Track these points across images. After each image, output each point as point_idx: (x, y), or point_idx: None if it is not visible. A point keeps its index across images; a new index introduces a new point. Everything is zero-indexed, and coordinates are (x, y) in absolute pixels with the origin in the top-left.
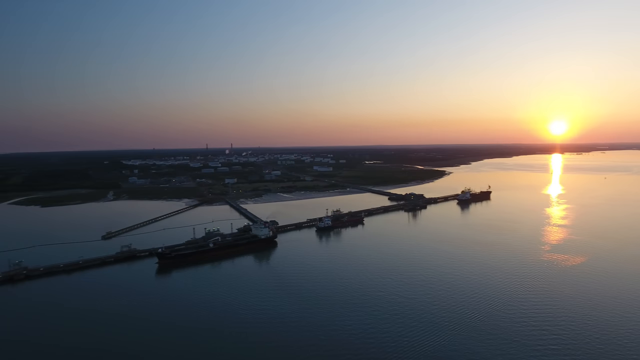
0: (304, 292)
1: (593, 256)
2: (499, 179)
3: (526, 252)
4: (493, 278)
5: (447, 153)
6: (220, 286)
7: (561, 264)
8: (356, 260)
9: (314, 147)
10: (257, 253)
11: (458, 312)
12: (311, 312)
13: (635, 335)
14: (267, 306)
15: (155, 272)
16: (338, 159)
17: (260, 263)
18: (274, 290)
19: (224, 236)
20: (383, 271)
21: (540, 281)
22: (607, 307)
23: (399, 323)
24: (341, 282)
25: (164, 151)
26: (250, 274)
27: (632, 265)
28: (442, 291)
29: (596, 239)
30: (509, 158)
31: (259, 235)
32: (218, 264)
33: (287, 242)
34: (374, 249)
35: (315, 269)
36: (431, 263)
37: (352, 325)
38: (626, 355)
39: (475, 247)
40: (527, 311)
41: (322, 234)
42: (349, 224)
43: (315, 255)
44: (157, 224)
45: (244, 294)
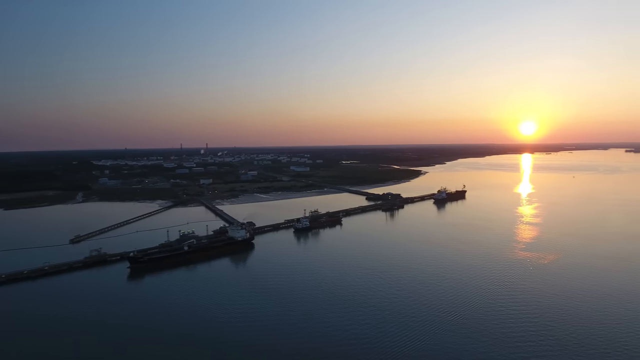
0: (282, 294)
1: (565, 253)
2: (473, 178)
3: (502, 250)
4: (472, 276)
5: (423, 153)
6: (195, 290)
7: (536, 262)
8: (335, 260)
9: (291, 147)
10: (234, 255)
11: (439, 311)
12: (290, 313)
13: (608, 326)
14: (245, 309)
15: (127, 277)
16: (315, 159)
17: (237, 265)
18: (252, 293)
19: (200, 238)
20: (362, 271)
21: (517, 278)
22: (581, 302)
23: (380, 322)
24: (320, 282)
25: (137, 151)
26: (227, 276)
27: (602, 261)
28: (422, 290)
29: (567, 237)
30: (482, 158)
31: (235, 237)
32: (193, 268)
33: (264, 243)
34: (352, 249)
35: (294, 270)
36: (410, 262)
37: (333, 325)
38: (601, 346)
39: (453, 246)
40: (507, 308)
41: (300, 234)
42: (327, 225)
43: (293, 257)
44: (129, 226)
45: (220, 297)
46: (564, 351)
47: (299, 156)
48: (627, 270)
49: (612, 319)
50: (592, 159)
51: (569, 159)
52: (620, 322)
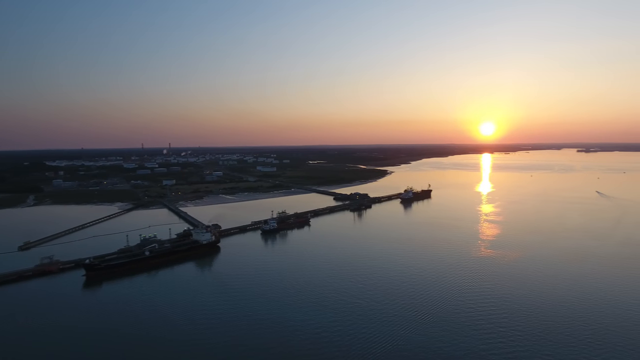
0: (250, 297)
1: (528, 250)
2: (438, 177)
3: (469, 248)
4: (440, 275)
5: (388, 153)
6: (157, 297)
7: (501, 259)
8: (304, 262)
9: (256, 147)
10: (199, 259)
11: (409, 310)
12: (259, 317)
13: (572, 318)
14: (212, 314)
15: (83, 286)
16: (282, 159)
17: (203, 270)
18: (218, 297)
19: (162, 242)
20: (332, 272)
21: (484, 276)
22: (546, 297)
23: (350, 322)
24: (289, 284)
25: (94, 151)
26: (191, 282)
27: (562, 257)
28: (392, 290)
29: (529, 234)
30: (445, 157)
31: (200, 241)
32: (155, 273)
33: (230, 246)
34: (321, 250)
35: (262, 272)
36: (380, 262)
37: (302, 327)
38: (566, 337)
39: (421, 245)
40: (476, 306)
41: (268, 236)
42: (295, 226)
43: (261, 259)
44: (85, 231)
45: (185, 303)
46: (533, 344)
47: (266, 156)
48: (585, 266)
49: (575, 312)
50: (547, 158)
51: (526, 158)
52: (581, 314)
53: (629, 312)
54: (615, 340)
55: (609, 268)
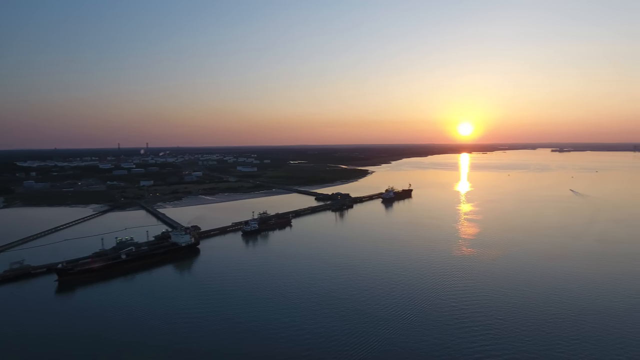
0: (231, 300)
1: (507, 248)
2: (418, 177)
3: (450, 247)
4: (423, 274)
5: (369, 152)
6: (134, 302)
7: (482, 257)
8: (286, 263)
9: (237, 147)
10: (177, 262)
11: (392, 310)
12: (240, 320)
13: (552, 314)
14: (191, 319)
15: (55, 292)
16: (262, 159)
17: (182, 273)
18: (198, 301)
19: (139, 245)
20: (314, 273)
21: (467, 275)
22: (526, 295)
23: (333, 323)
24: (271, 286)
25: (69, 151)
26: (170, 285)
27: (541, 255)
28: (374, 290)
29: (508, 232)
30: (425, 157)
31: (179, 243)
32: (132, 278)
33: (210, 248)
34: (303, 250)
35: (243, 275)
36: (362, 262)
37: (284, 329)
38: (547, 332)
39: (403, 245)
40: (459, 304)
41: (249, 237)
42: (276, 226)
43: (241, 261)
44: (58, 234)
45: (163, 308)
46: (516, 341)
47: (246, 156)
48: (562, 263)
49: (555, 308)
50: (523, 158)
51: (503, 158)
52: (561, 311)
53: (608, 307)
54: (595, 334)
55: (586, 265)
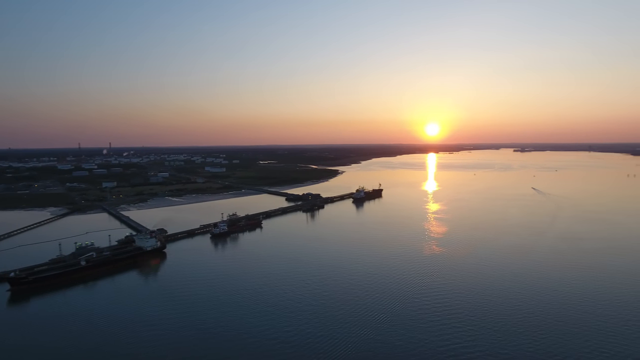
0: (199, 306)
1: (475, 246)
2: (388, 177)
3: (420, 246)
4: (395, 274)
5: (339, 153)
6: (95, 311)
7: (452, 256)
8: (256, 266)
9: (205, 147)
10: (142, 267)
11: (366, 311)
12: (209, 326)
13: (519, 309)
14: (157, 326)
15: (7, 302)
16: (231, 159)
17: (147, 278)
18: (164, 308)
19: (100, 250)
20: (285, 275)
21: (437, 273)
22: (494, 291)
23: (304, 326)
24: (241, 290)
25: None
26: (134, 292)
27: (507, 252)
28: (346, 290)
29: (475, 230)
30: (394, 157)
31: (144, 247)
32: (93, 285)
33: (177, 252)
34: (274, 252)
35: (211, 279)
36: (334, 263)
37: (255, 334)
38: (516, 327)
39: (375, 245)
40: (431, 303)
41: (218, 240)
42: (246, 228)
43: (210, 264)
44: (11, 240)
45: (126, 316)
46: (486, 337)
47: (214, 156)
48: (527, 260)
49: (521, 303)
50: (488, 157)
51: (468, 158)
52: (527, 306)
53: (573, 301)
54: (558, 326)
55: (551, 261)
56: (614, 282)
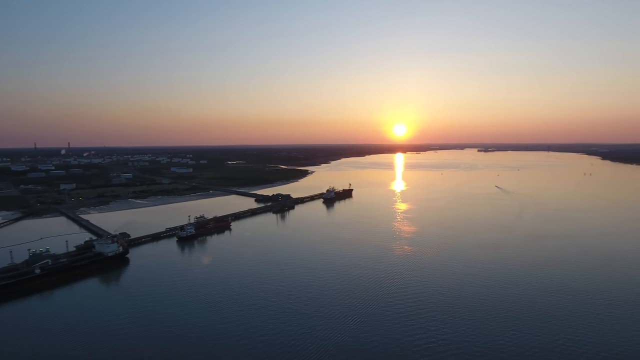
0: (165, 314)
1: (445, 245)
2: (357, 176)
3: (391, 246)
4: (367, 274)
5: (309, 153)
6: (51, 322)
7: (422, 255)
8: (225, 269)
9: (171, 147)
10: (103, 274)
11: (338, 311)
12: (175, 335)
13: (490, 305)
14: (119, 337)
15: None
16: (198, 159)
17: (108, 286)
18: (127, 317)
19: (57, 257)
20: (256, 278)
21: (409, 272)
22: (465, 289)
23: (276, 330)
24: (210, 295)
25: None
26: (94, 301)
27: (476, 249)
28: (319, 293)
29: (444, 229)
30: (363, 157)
31: (105, 253)
32: (49, 295)
33: (141, 257)
34: (244, 255)
35: (178, 285)
36: (305, 265)
37: (224, 340)
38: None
39: (346, 245)
40: (403, 302)
41: (185, 243)
42: (215, 231)
43: (176, 269)
44: None
45: (85, 327)
46: (458, 334)
47: (181, 157)
48: (496, 257)
49: (491, 300)
50: (454, 157)
51: (435, 157)
52: (497, 302)
53: (537, 295)
54: (527, 320)
55: (517, 258)
56: (575, 277)
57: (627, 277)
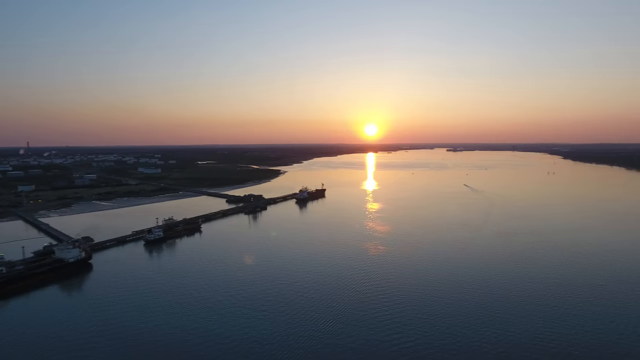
0: (131, 323)
1: (418, 244)
2: (330, 176)
3: (365, 247)
4: (341, 276)
5: (280, 152)
6: (5, 336)
7: (396, 255)
8: (195, 273)
9: (138, 147)
10: (64, 282)
11: (313, 314)
12: (142, 345)
13: (463, 303)
14: (81, 349)
15: None
16: (167, 159)
17: (70, 294)
18: (90, 328)
19: (12, 265)
20: (227, 281)
21: (383, 272)
22: (441, 289)
23: (249, 335)
24: (179, 302)
25: None
26: (53, 311)
27: (448, 248)
28: (293, 296)
29: (416, 229)
30: (335, 157)
31: (65, 259)
32: (2, 306)
33: (106, 262)
34: (214, 258)
35: (145, 291)
36: (279, 267)
37: (193, 348)
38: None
39: (320, 246)
40: (379, 302)
41: (152, 247)
42: (184, 233)
43: (144, 275)
44: None
45: (42, 339)
46: (432, 333)
47: (149, 157)
48: (467, 255)
49: (464, 298)
50: (424, 157)
51: (406, 157)
52: (469, 300)
53: (507, 292)
54: (500, 316)
55: (487, 256)
56: (542, 273)
57: (589, 269)
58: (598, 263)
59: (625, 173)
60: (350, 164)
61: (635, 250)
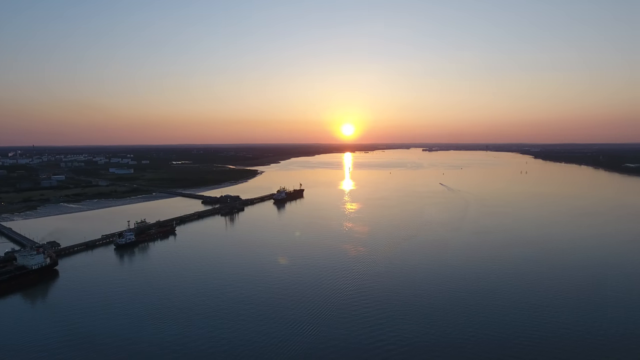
0: (99, 333)
1: (398, 244)
2: (308, 176)
3: (345, 248)
4: (320, 277)
5: (257, 152)
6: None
7: (376, 255)
8: (169, 278)
9: (109, 146)
10: (26, 290)
11: (292, 320)
12: (111, 354)
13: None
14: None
15: None
16: (140, 159)
17: (33, 304)
18: (55, 339)
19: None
20: (203, 286)
21: (363, 273)
22: (422, 287)
23: (224, 341)
24: (151, 310)
25: None
26: (15, 324)
27: (427, 248)
28: (272, 299)
29: (395, 229)
30: (312, 157)
31: (28, 266)
32: None
33: (73, 268)
34: (189, 262)
35: (115, 298)
36: (256, 270)
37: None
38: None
39: (299, 248)
40: (360, 303)
41: (124, 251)
42: (157, 236)
43: (114, 281)
44: None
45: (3, 356)
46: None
47: (120, 156)
48: (445, 253)
49: (446, 297)
50: (400, 156)
51: (382, 157)
52: (450, 299)
53: (488, 288)
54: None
55: (465, 254)
56: (519, 270)
57: (563, 264)
58: (565, 256)
59: (592, 172)
60: (328, 163)
61: (600, 243)
